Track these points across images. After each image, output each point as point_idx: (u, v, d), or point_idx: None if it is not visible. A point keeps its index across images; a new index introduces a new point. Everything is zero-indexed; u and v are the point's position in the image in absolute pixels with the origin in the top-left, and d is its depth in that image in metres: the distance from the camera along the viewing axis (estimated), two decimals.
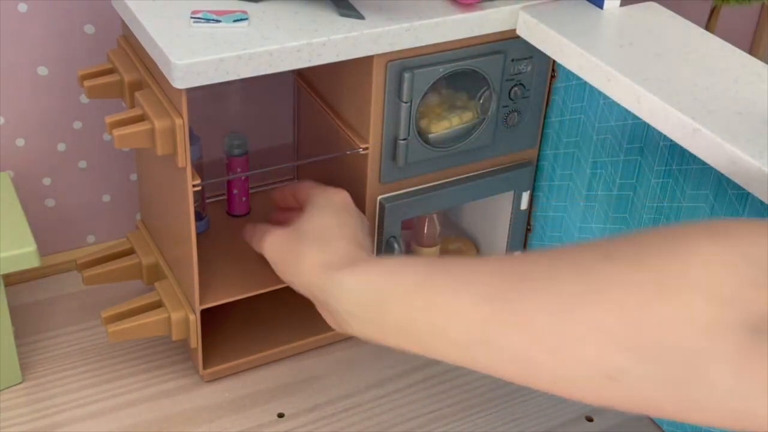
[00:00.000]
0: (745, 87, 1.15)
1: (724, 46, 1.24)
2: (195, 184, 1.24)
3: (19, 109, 1.46)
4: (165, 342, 1.48)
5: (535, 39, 1.28)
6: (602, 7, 1.31)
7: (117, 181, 1.59)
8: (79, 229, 1.60)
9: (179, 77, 1.13)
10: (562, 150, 1.46)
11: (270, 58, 1.17)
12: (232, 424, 1.36)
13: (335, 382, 1.45)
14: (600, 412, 1.43)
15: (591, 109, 1.38)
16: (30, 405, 1.37)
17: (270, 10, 1.24)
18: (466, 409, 1.42)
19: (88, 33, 1.44)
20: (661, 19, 1.31)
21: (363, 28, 1.21)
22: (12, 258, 1.28)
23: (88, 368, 1.43)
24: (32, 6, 1.39)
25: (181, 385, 1.42)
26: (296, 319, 1.51)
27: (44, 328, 1.50)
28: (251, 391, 1.42)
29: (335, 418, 1.39)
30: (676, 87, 1.14)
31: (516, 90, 1.38)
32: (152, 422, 1.36)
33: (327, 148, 1.45)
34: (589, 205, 1.44)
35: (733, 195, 1.20)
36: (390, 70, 1.27)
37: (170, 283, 1.40)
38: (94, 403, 1.38)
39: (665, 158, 1.28)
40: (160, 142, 1.21)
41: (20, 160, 1.50)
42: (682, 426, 1.35)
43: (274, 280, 1.39)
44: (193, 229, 1.27)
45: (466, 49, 1.31)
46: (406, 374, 1.47)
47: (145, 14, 1.21)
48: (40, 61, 1.44)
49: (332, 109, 1.41)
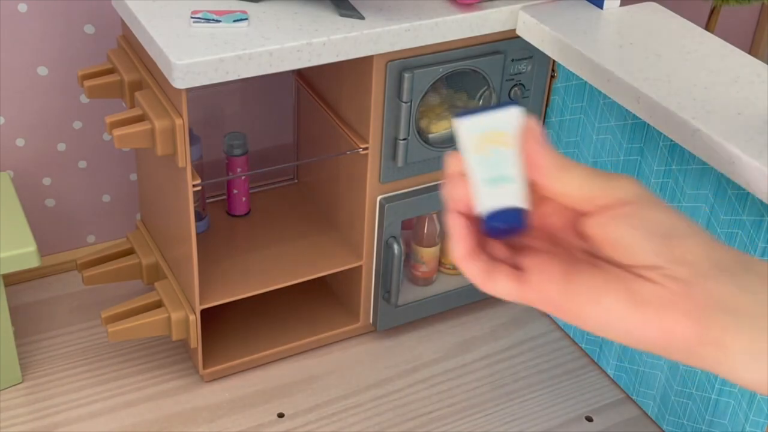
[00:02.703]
0: (745, 87, 1.15)
1: (724, 46, 1.24)
2: (195, 184, 1.24)
3: (19, 109, 1.46)
4: (165, 342, 1.48)
5: (535, 39, 1.28)
6: (602, 7, 1.31)
7: (117, 181, 1.59)
8: (79, 229, 1.60)
9: (179, 77, 1.13)
10: (562, 150, 1.46)
11: (270, 58, 1.17)
12: (232, 424, 1.37)
13: (335, 382, 1.45)
14: (600, 412, 1.43)
15: (591, 109, 1.38)
16: (30, 405, 1.37)
17: (270, 10, 1.24)
18: (466, 409, 1.42)
19: (88, 33, 1.44)
20: (661, 19, 1.31)
21: (363, 28, 1.21)
22: (12, 258, 1.28)
23: (88, 368, 1.43)
24: (32, 6, 1.39)
25: (181, 385, 1.42)
26: (296, 319, 1.51)
27: (44, 328, 1.50)
28: (251, 391, 1.42)
29: (335, 418, 1.39)
30: (676, 87, 1.14)
31: (516, 90, 1.38)
32: (152, 422, 1.36)
33: (327, 148, 1.45)
34: None
35: (733, 195, 1.20)
36: (390, 70, 1.27)
37: (170, 283, 1.40)
38: (94, 403, 1.38)
39: (665, 158, 1.28)
40: (160, 142, 1.21)
41: (20, 160, 1.50)
42: (682, 425, 1.35)
43: (274, 280, 1.39)
44: (193, 229, 1.27)
45: (466, 49, 1.31)
46: (406, 374, 1.47)
47: (145, 14, 1.21)
48: (40, 61, 1.44)
49: (332, 109, 1.41)
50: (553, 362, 1.51)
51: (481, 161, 0.55)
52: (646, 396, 1.41)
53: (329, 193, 1.50)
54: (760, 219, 1.17)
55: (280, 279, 1.39)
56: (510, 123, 0.55)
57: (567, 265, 0.54)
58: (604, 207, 0.53)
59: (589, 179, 0.53)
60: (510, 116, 0.55)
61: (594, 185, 0.53)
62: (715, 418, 1.29)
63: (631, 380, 1.44)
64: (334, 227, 1.50)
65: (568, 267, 0.54)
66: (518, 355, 1.52)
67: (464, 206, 0.54)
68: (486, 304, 1.58)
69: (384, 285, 1.45)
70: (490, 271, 0.55)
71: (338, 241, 1.47)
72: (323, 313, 1.52)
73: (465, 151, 0.55)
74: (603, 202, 0.53)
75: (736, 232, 1.20)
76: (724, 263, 0.51)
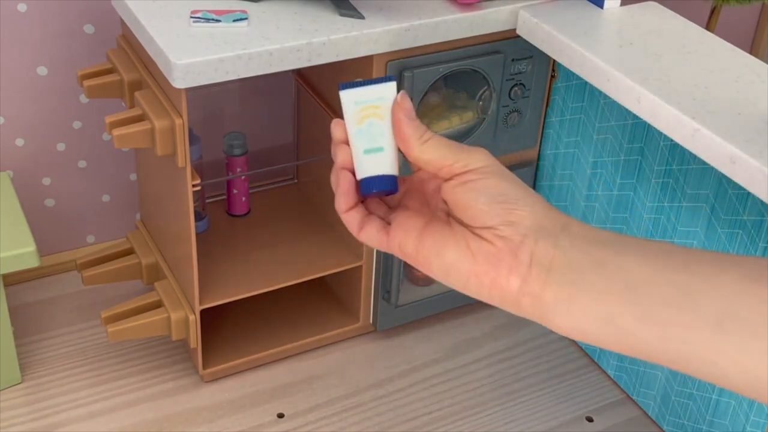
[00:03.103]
0: (745, 87, 1.15)
1: (724, 46, 1.24)
2: (195, 184, 1.24)
3: (19, 109, 1.46)
4: (165, 342, 1.48)
5: (535, 39, 1.28)
6: (602, 7, 1.31)
7: (117, 181, 1.59)
8: (79, 229, 1.60)
9: (179, 77, 1.13)
10: (562, 150, 1.46)
11: (270, 58, 1.17)
12: (232, 424, 1.36)
13: (335, 382, 1.45)
14: (600, 412, 1.43)
15: (591, 109, 1.38)
16: (30, 405, 1.37)
17: (270, 10, 1.24)
18: (466, 409, 1.42)
19: (88, 33, 1.44)
20: (661, 19, 1.30)
21: (363, 28, 1.21)
22: (12, 258, 1.27)
23: (88, 368, 1.43)
24: (32, 6, 1.39)
25: (181, 385, 1.42)
26: (296, 319, 1.51)
27: (44, 328, 1.50)
28: (251, 391, 1.42)
29: (335, 418, 1.39)
30: (676, 87, 1.14)
31: (516, 90, 1.38)
32: (152, 422, 1.35)
33: (327, 148, 1.44)
34: (589, 205, 1.44)
35: (733, 195, 1.20)
36: (390, 70, 1.26)
37: (170, 283, 1.40)
38: (94, 403, 1.38)
39: (665, 158, 1.28)
40: (159, 142, 1.21)
41: (20, 160, 1.50)
42: (682, 425, 1.35)
43: (274, 280, 1.39)
44: (193, 229, 1.27)
45: (466, 49, 1.30)
46: (406, 374, 1.47)
47: (144, 14, 1.21)
48: (40, 61, 1.44)
49: (332, 109, 1.41)
50: (553, 362, 1.51)
51: (359, 132, 0.64)
52: (647, 396, 1.41)
53: (329, 193, 1.49)
54: (760, 219, 1.17)
55: (279, 279, 1.39)
56: (385, 96, 0.63)
57: (426, 223, 0.63)
58: (457, 175, 0.62)
59: (447, 150, 0.62)
60: (386, 90, 0.63)
61: (450, 155, 0.62)
62: (715, 418, 1.29)
63: (631, 380, 1.44)
64: (334, 227, 1.50)
65: (426, 224, 0.63)
66: (518, 356, 1.52)
67: (349, 167, 0.65)
68: (486, 304, 1.57)
69: (384, 285, 1.45)
70: (363, 222, 0.65)
71: (338, 241, 1.47)
72: (323, 313, 1.52)
73: (347, 122, 0.64)
74: (457, 171, 0.62)
75: (736, 232, 1.20)
76: (545, 225, 0.59)
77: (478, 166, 0.62)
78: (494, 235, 0.60)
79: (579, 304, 0.58)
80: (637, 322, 0.57)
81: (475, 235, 0.60)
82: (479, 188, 0.61)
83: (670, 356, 0.57)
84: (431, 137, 0.63)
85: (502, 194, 0.61)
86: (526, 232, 0.59)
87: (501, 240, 0.59)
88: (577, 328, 0.59)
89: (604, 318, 0.58)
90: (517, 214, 0.60)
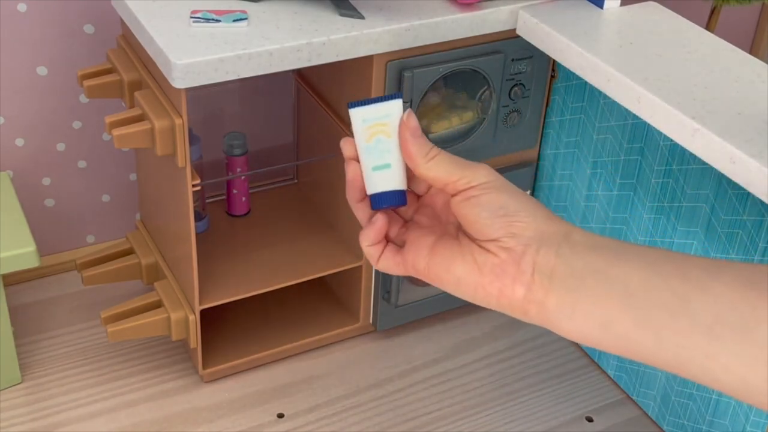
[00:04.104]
0: (745, 87, 1.15)
1: (724, 46, 1.24)
2: (195, 184, 1.24)
3: (19, 109, 1.46)
4: (165, 342, 1.48)
5: (535, 39, 1.28)
6: (602, 7, 1.31)
7: (117, 181, 1.59)
8: (78, 229, 1.60)
9: (179, 77, 1.13)
10: (562, 150, 1.46)
11: (270, 58, 1.17)
12: (232, 424, 1.36)
13: (335, 382, 1.45)
14: (600, 412, 1.43)
15: (591, 109, 1.38)
16: (30, 405, 1.37)
17: (270, 10, 1.24)
18: (466, 409, 1.42)
19: (88, 33, 1.44)
20: (661, 19, 1.30)
21: (363, 28, 1.21)
22: (12, 258, 1.27)
23: (88, 368, 1.43)
24: (32, 6, 1.39)
25: (181, 385, 1.42)
26: (296, 319, 1.51)
27: (44, 328, 1.50)
28: (251, 391, 1.42)
29: (335, 418, 1.39)
30: (676, 87, 1.14)
31: (516, 90, 1.38)
32: (152, 422, 1.35)
33: (327, 148, 1.45)
34: (589, 205, 1.44)
35: (733, 195, 1.20)
36: (390, 70, 1.26)
37: (170, 283, 1.40)
38: (94, 403, 1.38)
39: (665, 158, 1.28)
40: (159, 142, 1.21)
41: (20, 160, 1.50)
42: (682, 425, 1.35)
43: (274, 280, 1.39)
44: (193, 229, 1.27)
45: (466, 49, 1.30)
46: (406, 374, 1.47)
47: (144, 14, 1.21)
48: (40, 61, 1.44)
49: (332, 109, 1.41)
50: (553, 362, 1.51)
51: (368, 149, 0.66)
52: (647, 396, 1.41)
53: (329, 193, 1.50)
54: (760, 219, 1.17)
55: (280, 279, 1.39)
56: (392, 113, 0.66)
57: (435, 240, 0.66)
58: (461, 191, 0.64)
59: (451, 167, 0.64)
60: (392, 107, 0.66)
61: (454, 172, 0.64)
62: (715, 418, 1.29)
63: (631, 380, 1.44)
64: (334, 227, 1.50)
65: (435, 241, 0.66)
66: (518, 356, 1.52)
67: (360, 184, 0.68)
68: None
69: (384, 285, 1.45)
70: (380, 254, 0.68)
71: (338, 241, 1.47)
72: (323, 313, 1.52)
73: (356, 139, 0.67)
74: (461, 187, 0.64)
75: (736, 232, 1.20)
76: (547, 234, 0.61)
77: (480, 182, 0.64)
78: (498, 247, 0.62)
79: (580, 309, 0.60)
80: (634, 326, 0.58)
81: (481, 248, 0.63)
82: (482, 203, 0.63)
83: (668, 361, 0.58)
84: (436, 154, 0.65)
85: (503, 207, 0.63)
86: (528, 242, 0.61)
87: (505, 251, 0.62)
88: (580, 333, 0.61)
89: (604, 323, 0.59)
90: (518, 225, 0.62)
